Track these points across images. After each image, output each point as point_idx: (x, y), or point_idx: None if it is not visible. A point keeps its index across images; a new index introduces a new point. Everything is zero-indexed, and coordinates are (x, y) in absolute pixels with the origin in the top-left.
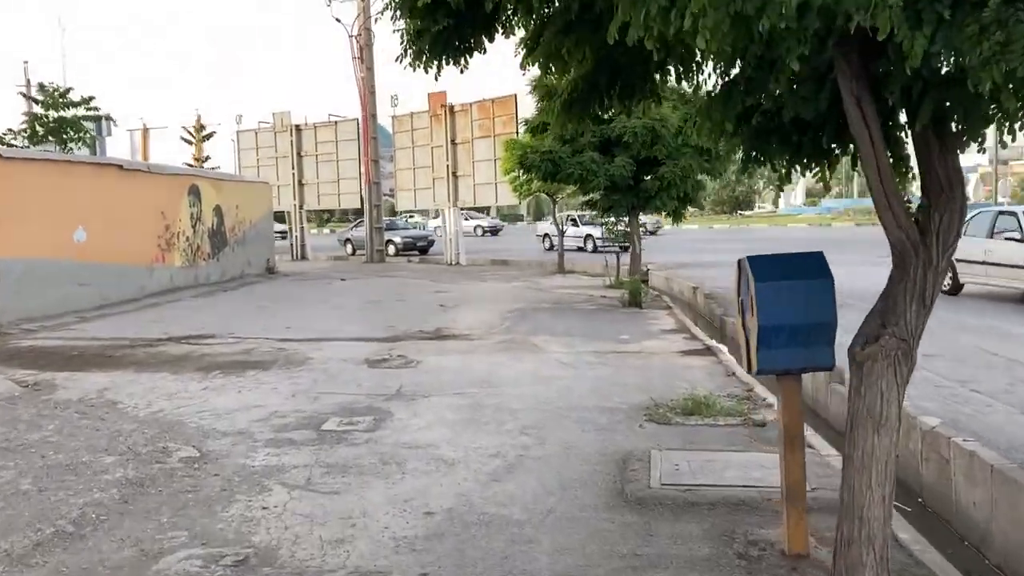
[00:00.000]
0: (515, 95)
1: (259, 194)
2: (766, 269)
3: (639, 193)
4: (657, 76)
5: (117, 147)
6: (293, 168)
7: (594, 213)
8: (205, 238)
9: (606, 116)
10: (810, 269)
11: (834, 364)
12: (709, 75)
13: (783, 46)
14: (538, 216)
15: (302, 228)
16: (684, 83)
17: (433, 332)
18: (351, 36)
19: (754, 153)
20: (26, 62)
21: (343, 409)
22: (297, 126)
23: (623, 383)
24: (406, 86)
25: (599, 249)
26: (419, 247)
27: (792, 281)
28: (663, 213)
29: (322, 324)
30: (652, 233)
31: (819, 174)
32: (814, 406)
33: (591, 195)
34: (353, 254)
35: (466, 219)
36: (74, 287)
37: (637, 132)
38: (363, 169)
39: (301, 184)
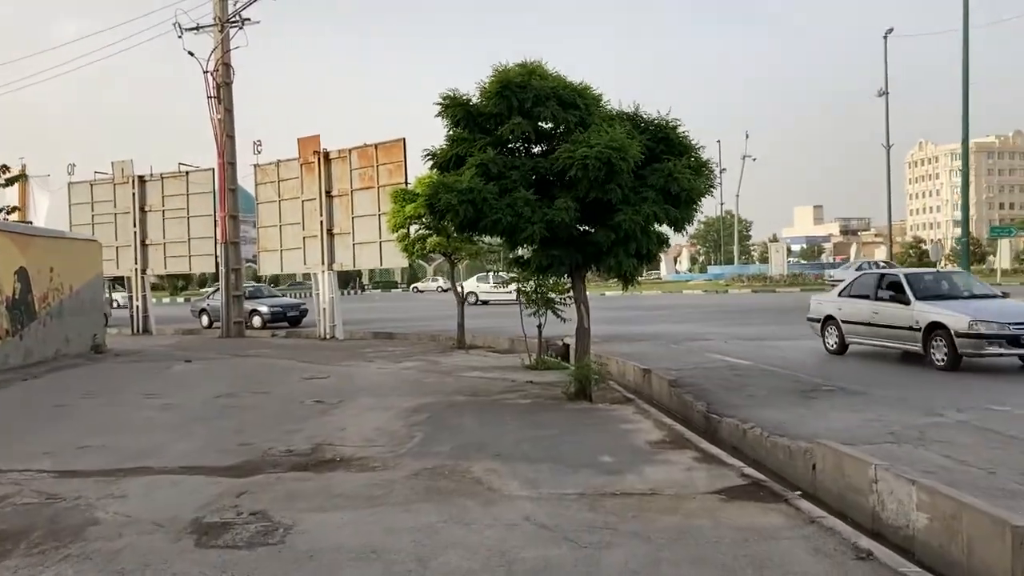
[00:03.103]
0: (403, 139)
1: (84, 254)
2: None
3: (586, 248)
4: None
5: None
6: (135, 226)
7: (522, 274)
8: (2, 310)
9: (539, 149)
10: None
11: None
12: None
13: None
14: (412, 280)
15: (144, 296)
16: None
17: (309, 453)
18: (206, 72)
19: None
20: None
21: None
22: (141, 177)
23: None
24: (272, 131)
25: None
26: (290, 318)
27: None
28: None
29: (140, 438)
30: None
31: None
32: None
33: (521, 250)
34: (210, 327)
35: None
36: None
37: (589, 164)
38: (219, 227)
39: (144, 244)
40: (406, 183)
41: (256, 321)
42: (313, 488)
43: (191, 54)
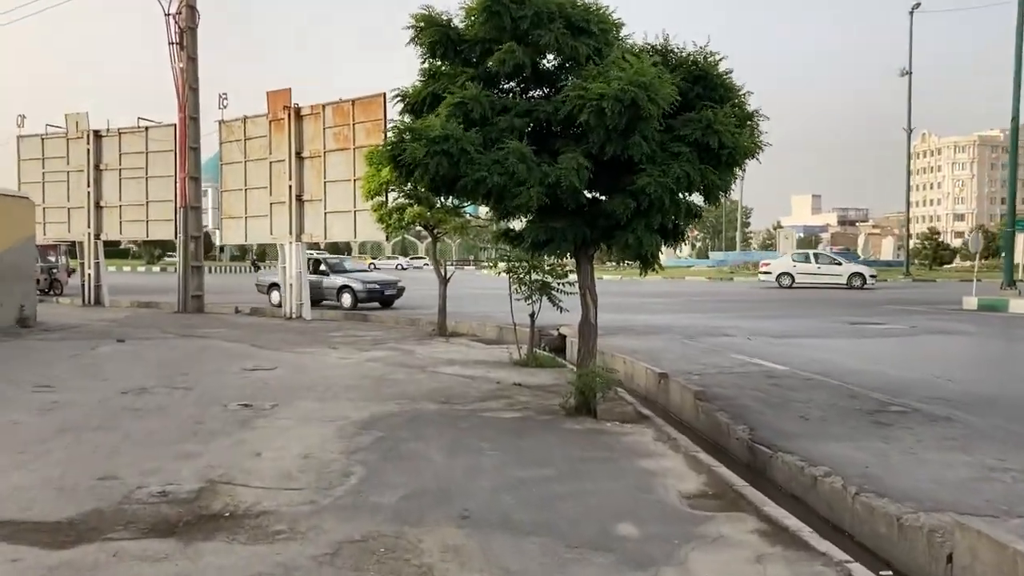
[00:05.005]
0: (384, 94)
1: (11, 213)
2: None
3: (597, 220)
4: None
5: None
6: (89, 186)
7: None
8: None
9: (538, 93)
10: None
11: None
12: None
13: None
14: (404, 254)
15: (96, 264)
16: None
17: (191, 500)
18: (168, 15)
19: None
20: None
21: None
22: (96, 132)
23: None
24: (240, 84)
25: None
26: (386, 297)
27: None
28: (630, 256)
29: None
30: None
31: None
32: None
33: (513, 221)
34: (280, 305)
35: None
36: None
37: (606, 107)
38: (179, 188)
39: (99, 207)
40: (385, 143)
41: (346, 300)
42: None
43: None
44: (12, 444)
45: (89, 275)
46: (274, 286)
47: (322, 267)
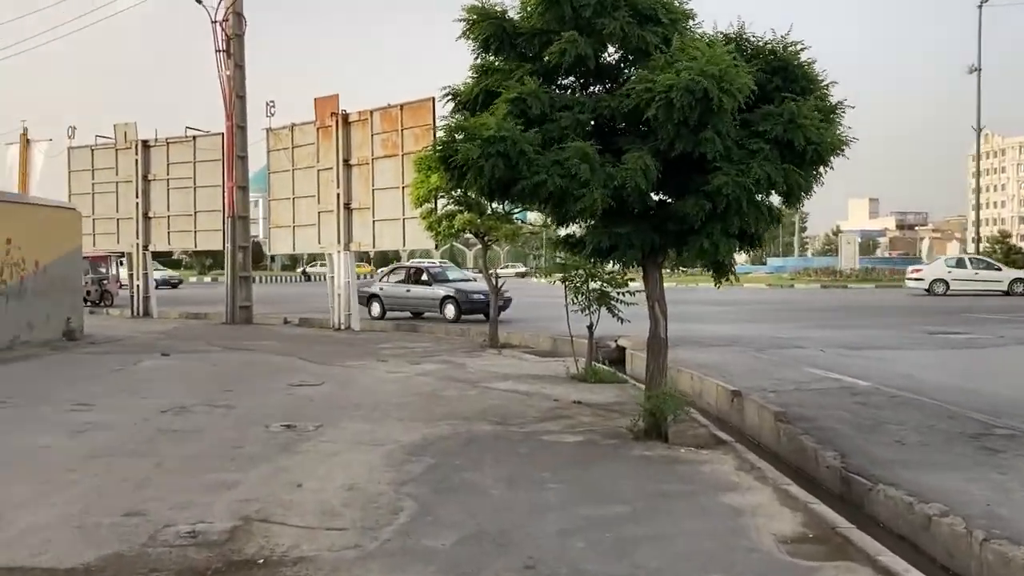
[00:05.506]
0: (432, 99)
1: (56, 224)
2: None
3: (666, 224)
4: None
5: None
6: (137, 196)
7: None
8: None
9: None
10: None
11: None
12: None
13: None
14: (453, 261)
15: (145, 275)
16: None
17: (222, 542)
18: (215, 22)
19: None
20: None
21: None
22: (145, 142)
23: None
24: (287, 91)
25: None
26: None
27: None
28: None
29: None
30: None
31: None
32: None
33: (572, 226)
34: (382, 316)
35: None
36: None
37: (674, 99)
38: (226, 198)
39: (147, 217)
40: (435, 148)
41: (450, 311)
42: None
43: (199, 1)
44: (37, 473)
45: (138, 286)
46: (374, 297)
47: (424, 277)
